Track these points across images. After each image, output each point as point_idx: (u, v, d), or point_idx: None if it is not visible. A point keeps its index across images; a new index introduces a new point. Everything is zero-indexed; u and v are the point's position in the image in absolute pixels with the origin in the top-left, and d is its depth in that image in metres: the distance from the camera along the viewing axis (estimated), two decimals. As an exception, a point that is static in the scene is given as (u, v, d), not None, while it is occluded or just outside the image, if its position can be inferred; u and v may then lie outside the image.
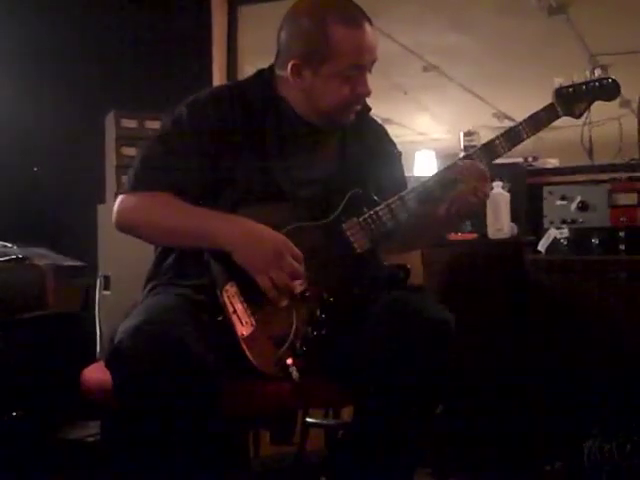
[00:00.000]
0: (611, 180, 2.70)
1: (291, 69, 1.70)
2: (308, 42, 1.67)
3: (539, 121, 1.75)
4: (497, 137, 1.74)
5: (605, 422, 2.41)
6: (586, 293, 2.54)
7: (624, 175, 2.74)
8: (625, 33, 3.20)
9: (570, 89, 1.76)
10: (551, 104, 1.76)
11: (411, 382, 1.56)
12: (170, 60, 3.35)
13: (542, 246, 2.70)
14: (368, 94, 1.74)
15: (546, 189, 2.79)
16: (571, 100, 1.76)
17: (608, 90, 1.77)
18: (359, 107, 1.77)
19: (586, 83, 1.77)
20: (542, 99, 1.78)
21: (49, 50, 3.11)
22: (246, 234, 1.61)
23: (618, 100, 1.84)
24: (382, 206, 1.70)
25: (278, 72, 1.76)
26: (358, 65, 1.68)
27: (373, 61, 1.72)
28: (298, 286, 1.62)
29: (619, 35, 3.21)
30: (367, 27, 1.69)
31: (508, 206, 2.82)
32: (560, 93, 1.76)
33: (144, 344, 1.44)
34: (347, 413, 2.08)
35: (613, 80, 1.77)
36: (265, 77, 1.79)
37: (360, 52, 1.68)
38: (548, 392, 2.55)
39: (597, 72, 1.77)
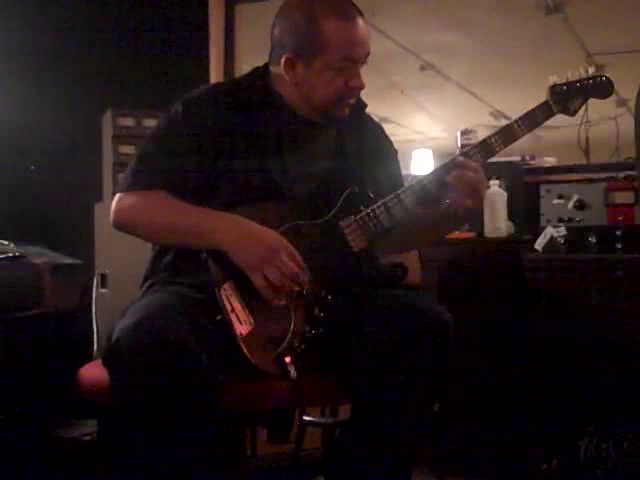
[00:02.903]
0: (608, 179, 2.71)
1: (284, 63, 1.70)
2: (300, 35, 1.68)
3: (534, 119, 1.75)
4: (492, 135, 1.74)
5: (602, 420, 2.41)
6: (583, 292, 2.55)
7: (621, 174, 2.74)
8: (622, 33, 3.20)
9: (564, 87, 1.77)
10: (545, 102, 1.76)
11: (409, 381, 1.57)
12: (167, 58, 3.35)
13: (539, 245, 2.70)
14: (362, 87, 1.74)
15: (543, 188, 2.80)
16: (565, 98, 1.77)
17: (601, 88, 1.78)
18: (353, 101, 1.76)
19: (580, 81, 1.77)
20: (539, 98, 1.78)
21: (46, 49, 3.10)
22: (242, 233, 1.61)
23: (615, 99, 1.84)
24: (379, 204, 1.70)
25: (273, 69, 1.76)
26: (350, 57, 1.68)
27: (366, 54, 1.71)
28: (294, 285, 1.62)
29: (616, 35, 3.21)
30: (359, 20, 1.69)
31: (505, 204, 2.82)
32: (554, 91, 1.76)
33: (141, 342, 1.44)
34: (344, 411, 2.08)
35: (606, 78, 1.78)
36: (260, 74, 1.79)
37: (352, 44, 1.68)
38: (545, 390, 2.56)
39: (591, 70, 1.78)
